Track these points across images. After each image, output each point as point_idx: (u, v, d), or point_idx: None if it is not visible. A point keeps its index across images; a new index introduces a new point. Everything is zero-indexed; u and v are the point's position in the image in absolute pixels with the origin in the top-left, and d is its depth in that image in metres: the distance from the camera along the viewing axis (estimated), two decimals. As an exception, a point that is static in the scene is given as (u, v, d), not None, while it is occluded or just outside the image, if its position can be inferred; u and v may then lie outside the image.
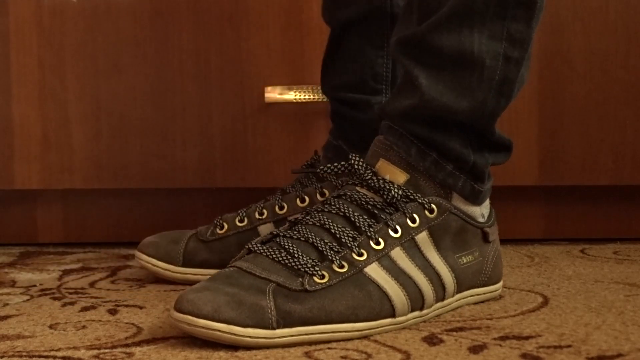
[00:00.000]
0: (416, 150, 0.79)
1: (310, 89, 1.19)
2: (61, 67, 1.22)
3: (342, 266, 0.74)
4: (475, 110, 0.78)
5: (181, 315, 0.68)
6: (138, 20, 1.21)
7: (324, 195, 0.97)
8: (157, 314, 0.82)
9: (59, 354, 0.69)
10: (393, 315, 0.74)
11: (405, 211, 0.77)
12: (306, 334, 0.70)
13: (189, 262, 0.97)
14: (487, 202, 0.85)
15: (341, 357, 0.67)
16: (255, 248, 0.75)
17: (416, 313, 0.77)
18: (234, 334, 0.68)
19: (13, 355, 0.69)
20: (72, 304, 0.87)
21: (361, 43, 1.00)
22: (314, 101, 1.20)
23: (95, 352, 0.69)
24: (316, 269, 0.72)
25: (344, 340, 0.72)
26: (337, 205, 0.77)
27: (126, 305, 0.86)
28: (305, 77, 1.20)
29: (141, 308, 0.85)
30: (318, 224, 0.76)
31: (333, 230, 0.75)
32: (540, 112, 1.19)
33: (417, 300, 0.76)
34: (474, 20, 0.76)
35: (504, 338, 0.71)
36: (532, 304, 0.83)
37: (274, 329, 0.69)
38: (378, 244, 0.76)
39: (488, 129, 0.81)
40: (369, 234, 0.76)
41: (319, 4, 1.18)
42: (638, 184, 1.19)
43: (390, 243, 0.76)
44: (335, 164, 0.81)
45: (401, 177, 0.79)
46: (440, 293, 0.79)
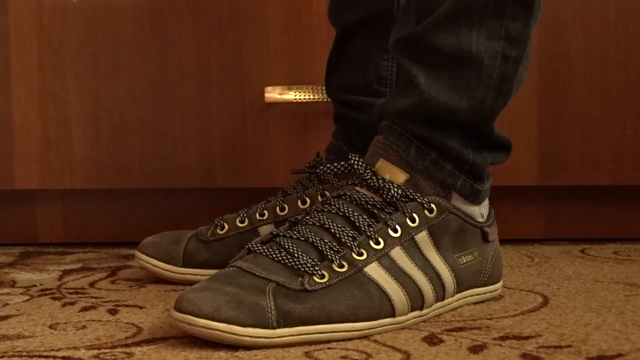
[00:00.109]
0: (415, 150, 0.79)
1: (310, 89, 1.19)
2: (61, 67, 1.22)
3: (342, 266, 0.74)
4: (474, 109, 0.78)
5: (181, 315, 0.68)
6: (138, 20, 1.21)
7: (325, 197, 0.97)
8: (157, 314, 0.82)
9: (59, 354, 0.69)
10: (393, 315, 0.74)
11: (405, 211, 0.77)
12: (306, 334, 0.70)
13: (189, 263, 0.97)
14: (487, 202, 0.85)
15: (341, 357, 0.67)
16: (255, 248, 0.75)
17: (416, 313, 0.77)
18: (234, 334, 0.68)
19: (13, 355, 0.69)
20: (72, 304, 0.87)
21: (366, 45, 1.00)
22: (314, 101, 1.20)
23: (95, 352, 0.69)
24: (316, 268, 0.72)
25: (343, 340, 0.72)
26: (337, 205, 0.78)
27: (126, 305, 0.86)
28: (305, 77, 1.20)
29: (141, 308, 0.85)
30: (318, 224, 0.76)
31: (333, 230, 0.75)
32: (540, 112, 1.18)
33: (417, 300, 0.76)
34: (472, 20, 0.76)
35: (504, 338, 0.71)
36: (532, 304, 0.83)
37: (274, 328, 0.69)
38: (378, 243, 0.76)
39: (487, 128, 0.81)
40: (369, 234, 0.76)
41: (318, 3, 1.19)
42: (638, 184, 1.19)
43: (390, 243, 0.76)
44: (335, 164, 0.81)
45: (401, 177, 0.79)
46: (440, 293, 0.79)
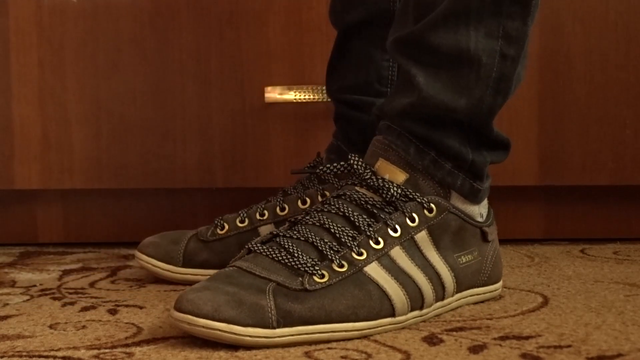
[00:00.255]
0: (415, 149, 0.79)
1: (310, 89, 1.19)
2: (61, 67, 1.22)
3: (342, 265, 0.74)
4: (472, 108, 0.78)
5: (181, 314, 0.68)
6: (138, 20, 1.21)
7: (325, 197, 0.96)
8: (157, 314, 0.82)
9: (59, 354, 0.69)
10: (393, 314, 0.74)
11: (405, 210, 0.77)
12: (306, 334, 0.70)
13: (189, 263, 0.97)
14: (486, 202, 0.85)
15: (341, 357, 0.67)
16: (255, 248, 0.75)
17: (416, 312, 0.77)
18: (234, 333, 0.68)
19: (13, 355, 0.69)
20: (72, 304, 0.87)
21: (367, 45, 1.00)
22: (314, 101, 1.20)
23: (95, 352, 0.69)
24: (316, 268, 0.72)
25: (343, 340, 0.72)
26: (337, 205, 0.77)
27: (126, 305, 0.86)
28: (305, 77, 1.20)
29: (141, 308, 0.85)
30: (318, 224, 0.76)
31: (333, 230, 0.75)
32: (540, 112, 1.18)
33: (417, 300, 0.76)
34: (470, 19, 0.76)
35: (504, 338, 0.71)
36: (532, 304, 0.83)
37: (274, 328, 0.69)
38: (378, 243, 0.76)
39: (486, 126, 0.81)
40: (369, 234, 0.76)
41: (319, 3, 1.19)
42: (638, 184, 1.19)
43: (390, 242, 0.76)
44: (335, 164, 0.81)
45: (400, 177, 0.79)
46: (440, 292, 0.79)
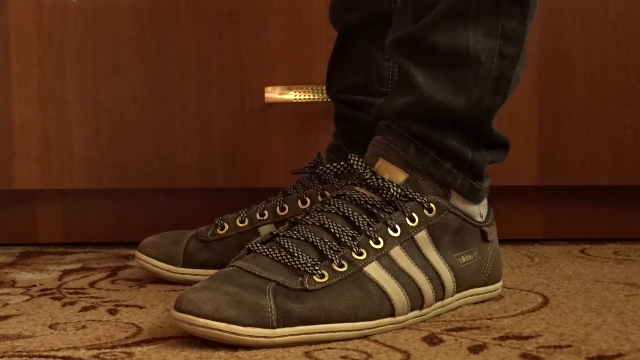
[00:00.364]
0: (414, 149, 0.79)
1: (310, 89, 1.19)
2: (61, 67, 1.22)
3: (342, 265, 0.74)
4: (472, 108, 0.78)
5: (181, 314, 0.68)
6: (138, 20, 1.21)
7: (325, 197, 0.96)
8: (157, 314, 0.82)
9: (59, 354, 0.69)
10: (393, 314, 0.74)
11: (405, 210, 0.77)
12: (306, 333, 0.70)
13: (189, 263, 0.97)
14: (485, 202, 0.85)
15: (341, 357, 0.67)
16: (255, 248, 0.75)
17: (416, 312, 0.77)
18: (234, 333, 0.68)
19: (13, 355, 0.69)
20: (72, 304, 0.87)
21: (367, 46, 1.00)
22: (314, 101, 1.20)
23: (95, 352, 0.69)
24: (316, 268, 0.72)
25: (344, 339, 0.72)
26: (337, 205, 0.78)
27: (126, 305, 0.86)
28: (305, 77, 1.20)
29: (141, 308, 0.85)
30: (318, 224, 0.76)
31: (333, 230, 0.75)
32: (540, 112, 1.18)
33: (417, 300, 0.76)
34: (468, 18, 0.76)
35: (504, 338, 0.71)
36: (532, 304, 0.83)
37: (274, 328, 0.69)
38: (377, 243, 0.76)
39: (485, 126, 0.81)
40: (369, 233, 0.76)
41: (319, 3, 1.19)
42: (638, 184, 1.19)
43: (390, 242, 0.76)
44: (335, 164, 0.81)
45: (400, 177, 0.79)
46: (440, 292, 0.79)
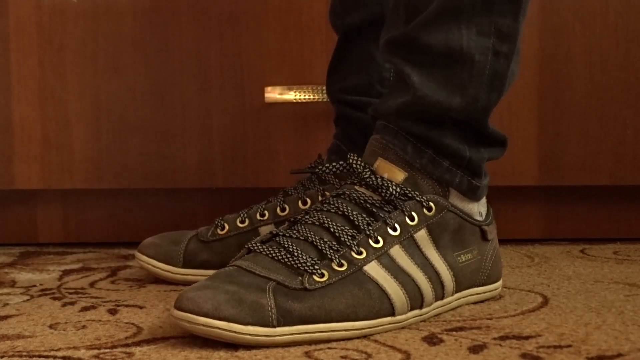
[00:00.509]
0: (412, 148, 0.79)
1: (310, 89, 1.19)
2: (61, 67, 1.22)
3: (342, 265, 0.74)
4: (468, 106, 0.78)
5: (181, 313, 0.68)
6: (138, 20, 1.21)
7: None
8: (157, 314, 0.82)
9: (59, 354, 0.69)
10: (392, 313, 0.74)
11: (404, 209, 0.77)
12: (306, 333, 0.70)
13: (189, 263, 0.97)
14: (484, 201, 0.85)
15: (341, 357, 0.67)
16: (255, 247, 0.75)
17: (416, 312, 0.77)
18: (235, 332, 0.68)
19: (13, 355, 0.69)
20: (72, 304, 0.87)
21: (369, 47, 1.00)
22: (314, 101, 1.20)
23: (95, 352, 0.69)
24: (316, 267, 0.72)
25: (344, 339, 0.72)
26: (336, 205, 0.78)
27: (126, 305, 0.86)
28: (305, 77, 1.20)
29: (141, 308, 0.85)
30: (317, 223, 0.76)
31: (332, 229, 0.75)
32: (540, 112, 1.18)
33: (417, 299, 0.76)
34: (461, 17, 0.76)
35: (504, 338, 0.71)
36: (532, 304, 0.83)
37: (274, 327, 0.69)
38: (377, 242, 0.76)
39: (482, 123, 0.81)
40: (368, 233, 0.76)
41: (319, 4, 1.19)
42: (638, 184, 1.19)
43: (390, 241, 0.76)
44: (334, 164, 0.81)
45: (400, 176, 0.79)
46: (440, 292, 0.79)
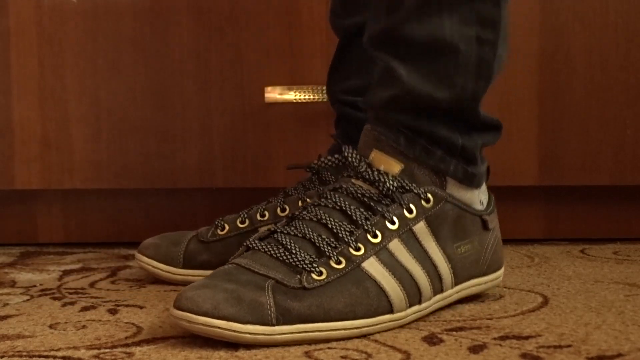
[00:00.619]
0: (405, 139, 0.78)
1: (310, 89, 1.19)
2: (61, 67, 1.22)
3: (340, 262, 0.73)
4: (456, 96, 0.78)
5: (181, 312, 0.68)
6: (138, 20, 1.21)
7: None
8: (157, 314, 0.82)
9: (59, 353, 0.69)
10: (391, 311, 0.74)
11: (402, 202, 0.77)
12: (305, 332, 0.70)
13: (189, 264, 0.97)
14: (485, 188, 0.85)
15: (341, 357, 0.67)
16: (254, 245, 0.75)
17: (415, 308, 0.76)
18: (234, 331, 0.68)
19: (13, 355, 0.69)
20: (72, 304, 0.87)
21: None
22: (314, 101, 1.20)
23: (95, 352, 0.69)
24: (314, 265, 0.72)
25: (343, 338, 0.72)
26: (334, 199, 0.77)
27: (126, 305, 0.86)
28: (305, 77, 1.20)
29: (141, 308, 0.85)
30: (315, 219, 0.76)
31: (330, 225, 0.75)
32: (540, 112, 1.18)
33: (415, 295, 0.76)
34: (442, 7, 0.76)
35: (504, 338, 0.71)
36: (532, 304, 0.83)
37: (273, 325, 0.69)
38: (375, 237, 0.75)
39: (472, 111, 0.80)
40: (366, 227, 0.75)
41: (319, 4, 1.19)
42: (638, 184, 1.19)
43: (388, 235, 0.76)
44: (329, 157, 0.81)
45: (396, 167, 0.78)
46: (438, 285, 0.78)
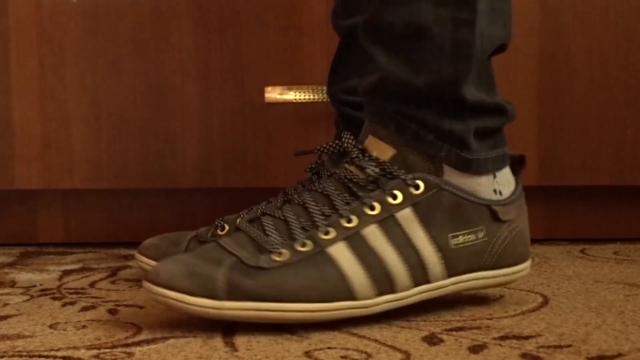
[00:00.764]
0: (395, 124, 0.78)
1: (310, 89, 1.19)
2: (61, 67, 1.22)
3: (305, 245, 0.74)
4: (434, 82, 0.76)
5: (145, 282, 0.73)
6: (138, 20, 1.21)
7: None
8: (157, 314, 0.82)
9: (59, 353, 0.69)
10: (353, 297, 0.74)
11: (385, 188, 0.76)
12: (255, 310, 0.71)
13: (189, 263, 0.97)
14: (508, 178, 0.82)
15: (341, 357, 0.67)
16: (241, 225, 0.78)
17: (389, 297, 0.75)
18: (185, 303, 0.71)
19: (13, 355, 0.69)
20: (72, 304, 0.87)
21: None
22: (314, 101, 1.20)
23: (95, 352, 0.69)
24: (276, 246, 0.73)
25: (299, 321, 0.72)
26: (323, 184, 0.78)
27: (126, 305, 0.86)
28: (305, 77, 1.20)
29: (141, 308, 0.85)
30: (301, 203, 0.77)
31: (310, 210, 0.76)
32: (540, 112, 1.18)
33: (385, 283, 0.75)
34: None
35: (504, 338, 0.71)
36: (532, 304, 0.83)
37: (222, 300, 0.70)
38: (350, 221, 0.75)
39: (457, 95, 0.77)
40: (341, 212, 0.75)
41: (319, 4, 1.19)
42: (638, 184, 1.19)
43: (365, 220, 0.75)
44: (330, 143, 0.81)
45: (388, 153, 0.78)
46: (421, 275, 0.76)
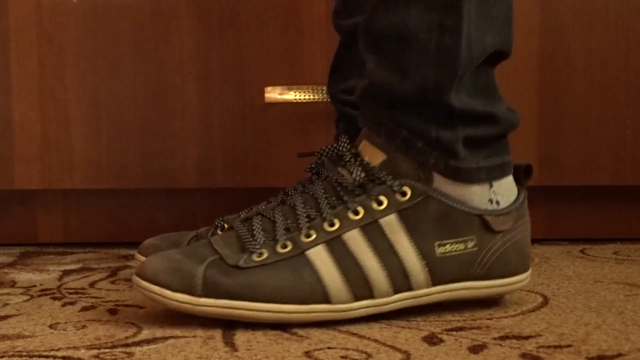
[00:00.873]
0: (385, 130, 0.78)
1: (310, 89, 1.19)
2: (61, 67, 1.22)
3: (285, 246, 0.75)
4: (419, 88, 0.76)
5: (134, 276, 0.75)
6: (138, 20, 1.21)
7: None
8: (157, 314, 0.82)
9: (59, 353, 0.69)
10: (328, 301, 0.74)
11: (370, 194, 0.76)
12: (229, 308, 0.73)
13: (189, 263, 0.97)
14: (508, 187, 0.80)
15: (341, 357, 0.67)
16: (233, 224, 0.79)
17: (367, 302, 0.75)
18: (165, 297, 0.73)
19: (13, 355, 0.69)
20: (72, 304, 0.87)
21: None
22: (314, 101, 1.20)
23: (95, 352, 0.69)
24: (257, 247, 0.75)
25: (273, 321, 0.74)
26: (316, 187, 0.79)
27: (126, 305, 0.86)
28: (305, 77, 1.20)
29: (141, 308, 0.85)
30: (292, 205, 0.78)
31: (297, 212, 0.77)
32: (540, 112, 1.18)
33: (363, 288, 0.75)
34: None
35: (504, 338, 0.71)
36: (532, 304, 0.83)
37: (199, 296, 0.73)
38: (332, 225, 0.76)
39: (444, 102, 0.76)
40: (325, 216, 0.76)
41: (319, 4, 1.19)
42: (638, 184, 1.19)
43: (347, 225, 0.75)
44: (329, 146, 0.82)
45: (379, 158, 0.78)
46: (403, 282, 0.76)
